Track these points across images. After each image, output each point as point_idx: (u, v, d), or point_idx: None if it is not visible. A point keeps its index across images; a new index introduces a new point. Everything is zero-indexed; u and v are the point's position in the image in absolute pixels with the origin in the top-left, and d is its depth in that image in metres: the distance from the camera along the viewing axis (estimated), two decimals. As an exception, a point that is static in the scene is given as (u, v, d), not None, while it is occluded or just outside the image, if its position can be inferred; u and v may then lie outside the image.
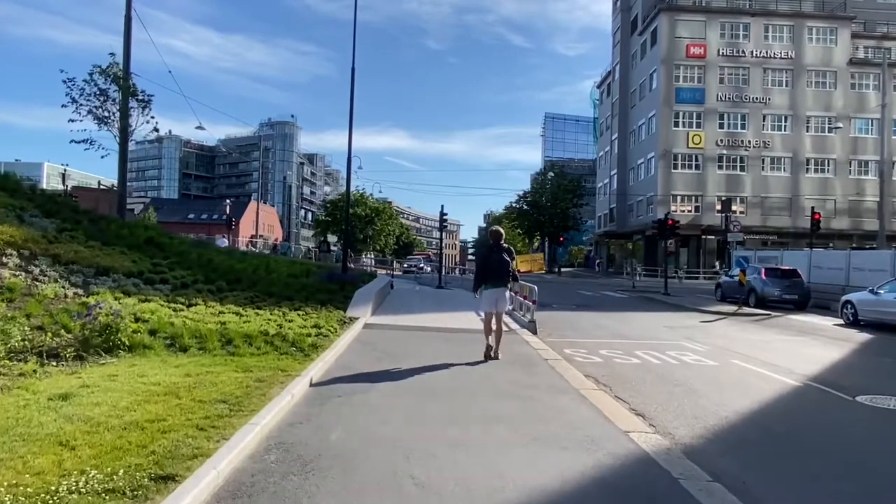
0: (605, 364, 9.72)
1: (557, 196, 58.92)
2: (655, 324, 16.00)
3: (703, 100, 49.69)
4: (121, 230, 15.30)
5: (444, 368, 8.33)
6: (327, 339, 9.48)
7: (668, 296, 24.65)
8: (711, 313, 18.87)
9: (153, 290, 11.18)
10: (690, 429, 6.19)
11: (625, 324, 15.83)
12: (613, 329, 14.62)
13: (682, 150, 49.78)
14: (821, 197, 49.98)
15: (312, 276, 16.79)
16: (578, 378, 8.14)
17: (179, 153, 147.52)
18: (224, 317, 10.02)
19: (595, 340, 12.45)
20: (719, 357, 10.82)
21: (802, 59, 50.25)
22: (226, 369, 6.78)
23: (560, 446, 5.02)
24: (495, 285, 8.99)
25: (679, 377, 8.89)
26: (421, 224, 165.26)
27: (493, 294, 8.99)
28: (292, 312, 11.51)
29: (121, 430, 4.56)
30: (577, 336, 13.13)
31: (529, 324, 13.22)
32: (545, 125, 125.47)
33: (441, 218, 24.91)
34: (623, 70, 59.40)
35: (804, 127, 50.19)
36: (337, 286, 15.34)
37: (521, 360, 9.32)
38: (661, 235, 25.71)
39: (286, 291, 13.83)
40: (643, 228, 51.96)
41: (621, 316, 17.85)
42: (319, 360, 7.76)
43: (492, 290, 8.99)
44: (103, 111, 17.33)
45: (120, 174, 21.17)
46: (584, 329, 14.49)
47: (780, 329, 15.78)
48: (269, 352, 7.91)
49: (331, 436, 4.99)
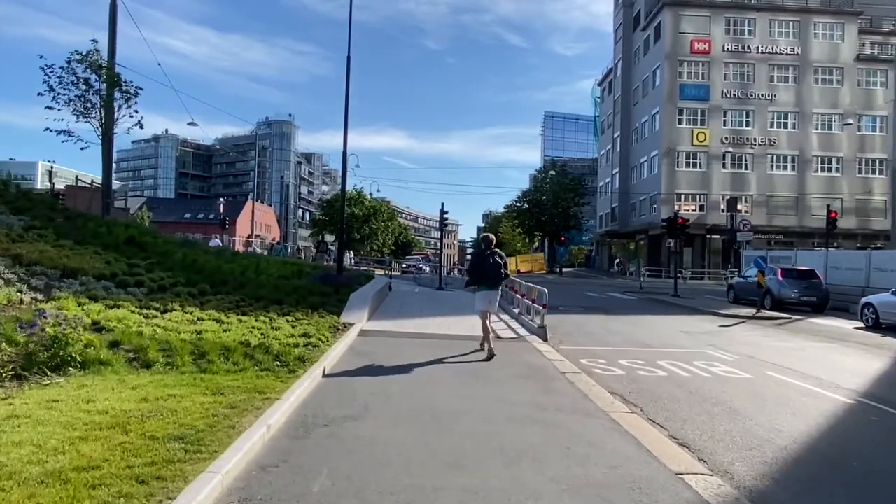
0: (628, 377, 8.68)
1: (559, 194, 57.87)
2: (671, 329, 14.97)
3: (707, 96, 48.68)
4: (99, 228, 14.23)
5: (449, 384, 7.29)
6: (317, 349, 8.42)
7: (678, 297, 23.62)
8: (728, 317, 17.83)
9: (125, 294, 10.12)
10: (748, 464, 5.14)
11: (639, 329, 14.79)
12: (628, 335, 13.58)
13: (686, 148, 48.76)
14: (827, 196, 48.90)
15: (305, 278, 15.71)
16: (604, 397, 7.11)
17: (176, 152, 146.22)
18: (202, 324, 8.96)
19: (612, 348, 11.41)
20: (751, 368, 9.78)
21: (809, 54, 49.26)
22: (193, 391, 5.71)
23: (603, 498, 3.97)
24: (489, 287, 9.65)
25: (714, 394, 7.85)
26: (419, 224, 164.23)
27: (487, 296, 9.65)
28: (280, 318, 10.45)
29: (36, 483, 3.50)
30: (591, 343, 12.10)
31: (539, 329, 12.17)
32: (545, 124, 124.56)
33: (441, 216, 23.83)
34: (625, 67, 58.38)
35: (810, 124, 49.20)
36: (331, 289, 14.27)
37: (536, 373, 8.28)
38: (670, 234, 24.69)
39: (276, 294, 12.76)
40: (646, 228, 50.96)
41: (633, 320, 16.81)
42: (307, 375, 6.71)
43: (486, 291, 9.64)
44: (84, 102, 16.22)
45: (104, 169, 20.06)
46: (597, 335, 13.45)
47: (806, 334, 14.75)
48: (248, 368, 6.85)
49: (312, 485, 3.93)
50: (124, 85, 17.19)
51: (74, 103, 15.82)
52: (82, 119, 15.97)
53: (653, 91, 51.72)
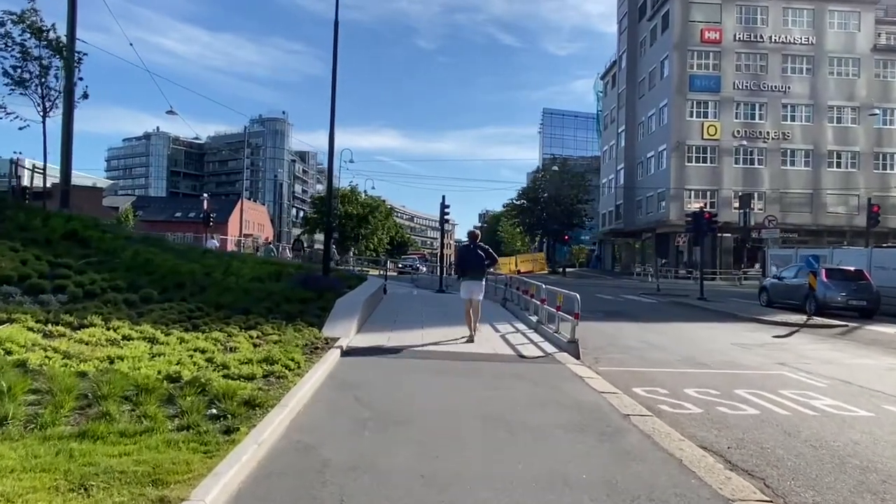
0: (710, 419, 6.29)
1: (562, 191, 55.50)
2: (719, 341, 12.61)
3: (718, 88, 46.40)
4: (31, 221, 11.77)
5: (474, 444, 4.89)
6: (281, 384, 6.01)
7: (706, 301, 21.25)
8: (776, 324, 15.47)
9: (34, 302, 7.69)
10: None
11: (681, 341, 12.41)
12: (672, 349, 11.21)
13: (697, 142, 46.46)
14: (843, 192, 46.85)
15: (285, 280, 13.27)
16: (706, 463, 4.71)
17: (168, 150, 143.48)
18: (126, 346, 6.54)
19: (663, 370, 9.04)
20: (860, 400, 7.41)
21: (824, 45, 47.03)
22: (35, 486, 3.27)
23: None
24: (473, 278, 10.28)
25: (847, 448, 5.47)
26: (415, 223, 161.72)
27: (470, 285, 10.27)
28: (241, 334, 8.04)
29: None
30: (635, 362, 9.72)
31: (570, 345, 9.78)
32: (543, 121, 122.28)
33: (442, 210, 21.35)
34: (630, 58, 56.07)
35: (826, 117, 46.98)
36: (313, 293, 11.84)
37: (589, 416, 5.88)
38: (695, 230, 22.35)
39: (243, 301, 10.35)
40: (653, 226, 48.69)
41: (668, 329, 14.45)
42: (250, 440, 4.27)
43: (469, 281, 10.30)
44: (23, 72, 13.74)
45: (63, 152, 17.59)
46: (635, 349, 11.07)
47: (883, 347, 12.40)
48: (161, 425, 4.38)
49: None
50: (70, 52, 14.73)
51: (10, 74, 13.34)
52: (18, 90, 13.47)
53: (660, 83, 49.40)
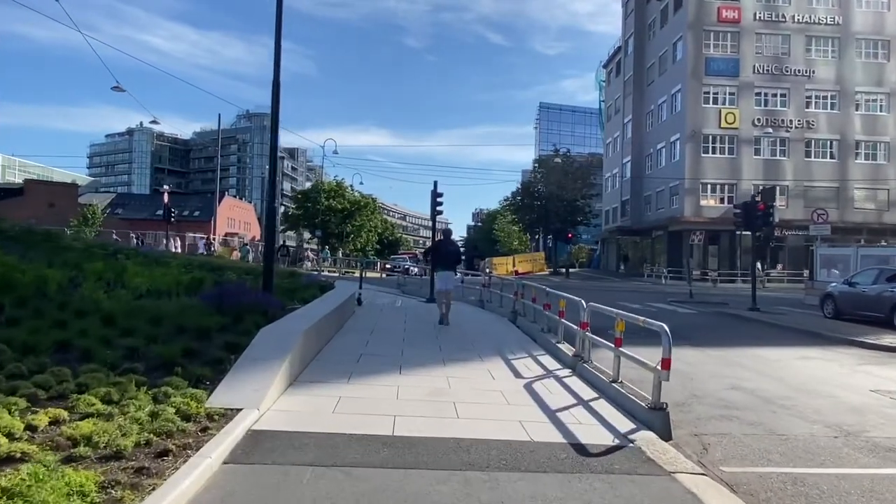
0: None
1: (564, 185, 51.29)
2: (837, 381, 8.46)
3: (737, 72, 42.29)
4: None
5: None
6: None
7: (760, 312, 17.11)
8: (889, 350, 11.32)
9: None
10: None
11: (794, 387, 8.20)
12: (800, 407, 7.04)
13: (713, 131, 42.33)
14: (872, 186, 42.95)
15: (200, 294, 8.99)
16: None
17: (152, 147, 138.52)
18: None
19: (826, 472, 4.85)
20: None
21: (851, 25, 42.98)
22: None
23: None
24: (445, 268, 11.88)
25: None
26: (407, 222, 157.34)
27: (444, 276, 11.85)
28: (18, 420, 3.79)
29: None
30: (767, 445, 5.54)
31: (652, 415, 5.60)
32: (539, 116, 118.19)
33: (434, 200, 17.08)
34: (638, 42, 51.92)
35: (853, 104, 43.00)
36: (230, 318, 7.58)
37: None
38: (747, 226, 18.26)
39: (95, 334, 6.10)
40: (664, 223, 44.60)
41: (749, 360, 10.27)
42: None
43: (443, 272, 11.87)
44: None
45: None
46: (742, 408, 6.92)
47: None
48: None
49: None
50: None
51: None
52: None
53: (672, 67, 45.28)
